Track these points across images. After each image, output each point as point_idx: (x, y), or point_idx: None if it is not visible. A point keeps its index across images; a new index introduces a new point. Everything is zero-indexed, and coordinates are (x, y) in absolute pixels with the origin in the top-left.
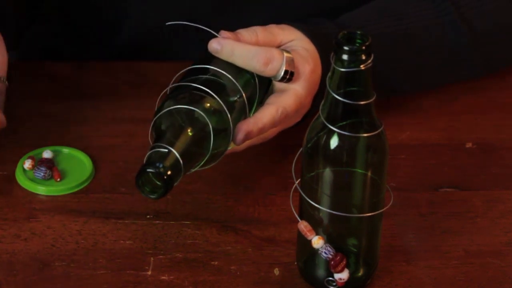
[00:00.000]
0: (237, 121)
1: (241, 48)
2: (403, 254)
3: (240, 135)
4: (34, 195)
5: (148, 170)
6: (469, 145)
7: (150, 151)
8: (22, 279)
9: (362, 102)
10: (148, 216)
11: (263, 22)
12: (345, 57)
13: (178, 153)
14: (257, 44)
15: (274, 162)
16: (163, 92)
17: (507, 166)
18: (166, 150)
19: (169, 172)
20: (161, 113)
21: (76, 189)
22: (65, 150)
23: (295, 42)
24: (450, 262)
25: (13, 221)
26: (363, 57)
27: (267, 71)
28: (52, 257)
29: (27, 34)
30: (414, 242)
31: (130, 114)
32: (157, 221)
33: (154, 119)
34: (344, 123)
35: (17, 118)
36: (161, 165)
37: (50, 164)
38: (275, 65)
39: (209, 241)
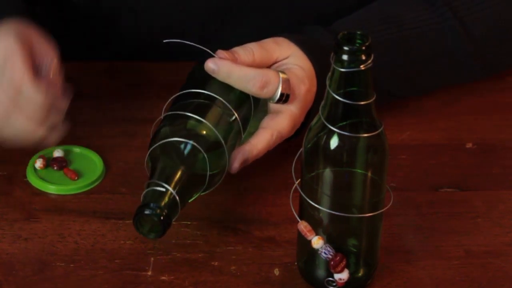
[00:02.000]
0: (232, 142)
1: (238, 71)
2: (403, 254)
3: (235, 164)
4: (34, 195)
5: (145, 212)
6: (469, 145)
7: (146, 190)
8: (22, 279)
9: (362, 102)
10: None
11: (260, 28)
12: (345, 57)
13: (174, 189)
14: (253, 63)
15: (274, 162)
16: (157, 120)
17: (507, 166)
18: (162, 189)
19: (165, 212)
20: (155, 145)
21: (87, 188)
22: (76, 149)
23: (291, 59)
24: (451, 262)
25: (13, 221)
26: (363, 57)
27: (263, 94)
28: (52, 257)
29: None
30: (414, 242)
31: (130, 114)
32: None
33: (150, 150)
34: (344, 123)
35: None
36: (156, 206)
37: (62, 163)
38: (271, 89)
39: (209, 241)
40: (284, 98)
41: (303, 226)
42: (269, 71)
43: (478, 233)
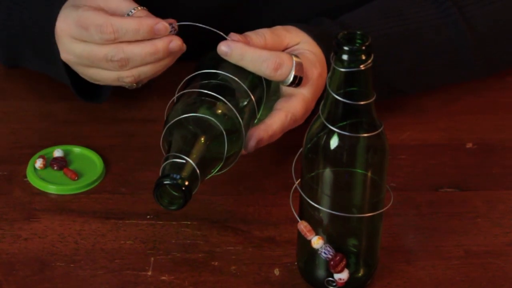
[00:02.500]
0: (247, 123)
1: (251, 53)
2: (403, 254)
3: (252, 142)
4: (34, 195)
5: (165, 182)
6: (469, 145)
7: (165, 162)
8: (22, 279)
9: (362, 102)
10: (148, 216)
11: (270, 21)
12: (345, 57)
13: (194, 162)
14: (265, 47)
15: (274, 162)
16: (171, 101)
17: (507, 166)
18: (182, 161)
19: (186, 183)
20: (172, 121)
21: (87, 188)
22: (76, 149)
23: (302, 45)
24: (451, 262)
25: (13, 221)
26: (363, 57)
27: (277, 76)
28: (52, 257)
29: None
30: (414, 242)
31: (130, 114)
32: (157, 221)
33: (166, 128)
34: (344, 123)
35: (17, 118)
36: (178, 176)
37: (62, 163)
38: (285, 71)
39: (209, 241)
40: (297, 81)
41: (303, 226)
42: (282, 53)
43: (478, 233)
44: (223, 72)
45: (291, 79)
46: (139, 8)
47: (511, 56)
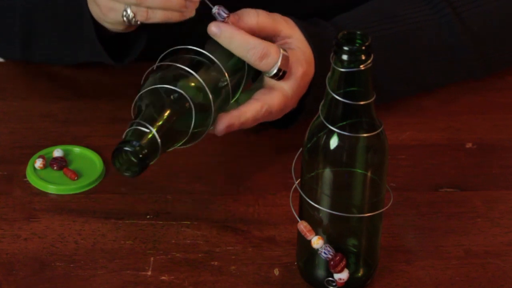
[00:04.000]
0: (220, 105)
1: (240, 38)
2: (403, 254)
3: (221, 126)
4: (34, 195)
5: (124, 148)
6: (469, 145)
7: (129, 128)
8: (22, 279)
9: (362, 102)
10: (148, 216)
11: None
12: (345, 57)
13: (157, 132)
14: (256, 26)
15: (274, 162)
16: (150, 69)
17: (507, 166)
18: (144, 129)
19: (145, 151)
20: (144, 90)
21: (86, 189)
22: (76, 149)
23: (293, 40)
24: (450, 262)
25: (13, 221)
26: (363, 57)
27: (261, 65)
28: (52, 257)
29: None
30: (414, 242)
31: (130, 114)
32: (157, 221)
33: (138, 95)
34: (344, 123)
35: (17, 118)
36: (138, 144)
37: (62, 163)
38: (270, 61)
39: (209, 241)
40: (281, 74)
41: (303, 226)
42: (271, 44)
43: (477, 233)
44: (205, 52)
45: (275, 71)
46: None
47: (508, 56)
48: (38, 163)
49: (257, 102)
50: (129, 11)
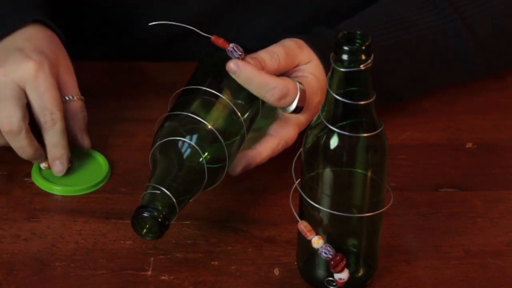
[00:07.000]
0: (233, 142)
1: (259, 79)
2: (403, 254)
3: (238, 168)
4: (34, 195)
5: (143, 214)
6: (469, 145)
7: (145, 192)
8: (22, 279)
9: (362, 102)
10: None
11: (267, 22)
12: (345, 57)
13: (170, 191)
14: (278, 70)
15: (274, 162)
16: (160, 117)
17: (507, 166)
18: (158, 192)
19: (162, 214)
20: (154, 147)
21: (91, 190)
22: (82, 149)
23: (309, 67)
24: (450, 262)
25: (13, 221)
26: (363, 57)
27: (280, 104)
28: (52, 257)
29: None
30: (414, 242)
31: (130, 114)
32: None
33: (151, 151)
34: (344, 123)
35: None
36: (154, 208)
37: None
38: (289, 100)
39: (209, 241)
40: (298, 110)
41: (303, 226)
42: (289, 82)
43: (477, 233)
44: (213, 91)
45: (293, 108)
46: (76, 97)
47: (510, 58)
48: (44, 163)
49: (273, 139)
50: None
